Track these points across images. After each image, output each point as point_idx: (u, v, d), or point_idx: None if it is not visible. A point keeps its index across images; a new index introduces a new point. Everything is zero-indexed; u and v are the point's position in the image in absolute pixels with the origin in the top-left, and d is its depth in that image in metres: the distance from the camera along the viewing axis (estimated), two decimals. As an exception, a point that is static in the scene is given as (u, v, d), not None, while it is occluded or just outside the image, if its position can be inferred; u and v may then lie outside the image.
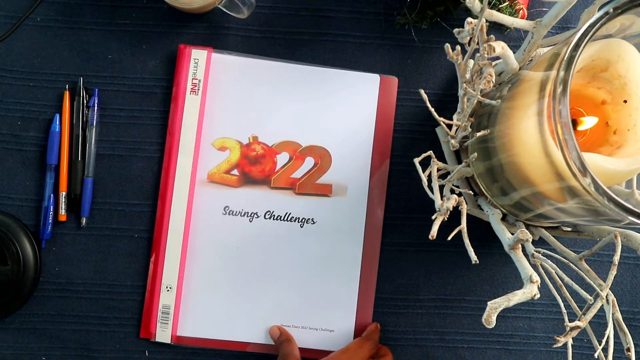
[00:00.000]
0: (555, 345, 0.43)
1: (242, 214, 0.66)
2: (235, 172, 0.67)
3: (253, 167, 0.66)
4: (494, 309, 0.43)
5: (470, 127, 0.52)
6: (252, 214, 0.66)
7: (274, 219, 0.66)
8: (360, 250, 0.66)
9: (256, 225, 0.66)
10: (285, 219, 0.66)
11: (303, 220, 0.66)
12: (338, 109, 0.67)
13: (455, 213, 0.52)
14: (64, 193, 0.66)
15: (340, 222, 0.66)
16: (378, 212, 0.66)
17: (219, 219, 0.66)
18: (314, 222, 0.66)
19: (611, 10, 0.44)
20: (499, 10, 0.63)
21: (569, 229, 0.61)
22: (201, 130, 0.66)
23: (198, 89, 0.66)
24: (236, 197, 0.66)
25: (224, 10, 0.65)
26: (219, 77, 0.66)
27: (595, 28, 0.44)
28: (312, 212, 0.66)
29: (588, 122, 0.52)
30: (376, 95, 0.67)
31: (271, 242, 0.66)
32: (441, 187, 0.54)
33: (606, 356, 0.45)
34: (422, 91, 0.50)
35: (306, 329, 0.66)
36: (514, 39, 0.69)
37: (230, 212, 0.66)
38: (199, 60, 0.66)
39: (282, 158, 0.67)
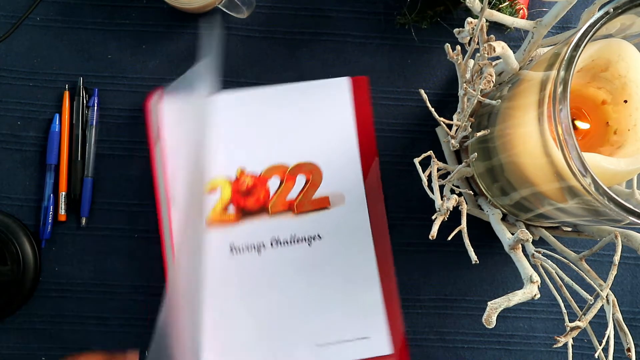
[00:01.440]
0: (555, 346, 0.43)
1: (249, 249, 0.65)
2: (231, 209, 0.65)
3: (247, 200, 0.65)
4: (494, 309, 0.43)
5: (470, 127, 0.52)
6: (259, 246, 0.65)
7: (281, 245, 0.65)
8: (373, 252, 0.66)
9: (265, 256, 0.65)
10: (292, 241, 0.65)
11: (310, 238, 0.65)
12: (316, 121, 0.66)
13: (455, 213, 0.52)
14: (63, 193, 0.66)
15: (346, 230, 0.66)
16: (380, 210, 0.66)
17: (227, 260, 0.65)
18: (320, 238, 0.66)
19: (611, 10, 0.44)
20: (499, 10, 0.63)
21: (569, 229, 0.61)
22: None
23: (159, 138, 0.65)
24: (239, 233, 0.65)
25: (224, 10, 0.65)
26: (194, 119, 0.64)
27: (595, 28, 0.44)
28: (317, 228, 0.66)
29: (581, 127, 0.53)
30: (349, 97, 0.66)
31: (284, 268, 0.65)
32: (441, 187, 0.54)
33: (606, 356, 0.45)
34: (422, 91, 0.50)
35: (341, 342, 0.65)
36: (514, 38, 0.69)
37: (237, 250, 0.65)
38: (157, 109, 0.65)
39: (273, 183, 0.66)
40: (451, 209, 0.49)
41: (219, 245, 0.65)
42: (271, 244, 0.65)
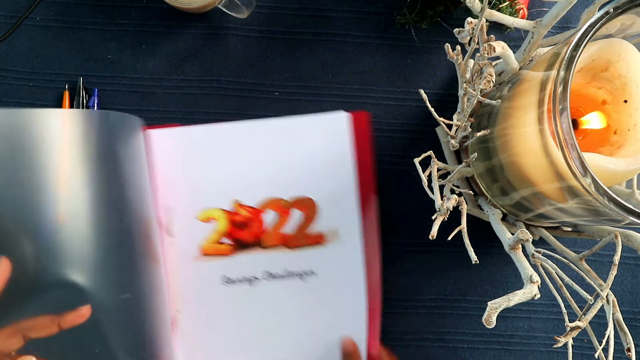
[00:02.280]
0: (555, 346, 0.43)
1: (242, 281, 0.65)
2: (225, 240, 0.65)
3: (242, 232, 0.65)
4: (494, 309, 0.43)
5: (470, 127, 0.52)
6: (252, 278, 0.65)
7: (274, 279, 0.65)
8: (364, 289, 0.65)
9: (258, 289, 0.65)
10: (285, 276, 0.65)
11: (303, 274, 0.65)
12: (314, 156, 0.66)
13: (455, 213, 0.52)
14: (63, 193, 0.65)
15: (339, 267, 0.65)
16: (374, 248, 0.65)
17: (220, 291, 0.64)
18: (314, 273, 0.65)
19: (611, 10, 0.44)
20: (499, 10, 0.63)
21: (569, 229, 0.61)
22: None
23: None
24: (232, 265, 0.65)
25: (224, 10, 0.65)
26: (189, 150, 0.65)
27: (595, 28, 0.44)
28: (310, 264, 0.65)
29: (593, 122, 0.52)
30: (348, 134, 0.65)
31: (277, 301, 0.65)
32: (441, 187, 0.54)
33: (606, 356, 0.45)
34: (422, 91, 0.50)
35: None
36: (514, 38, 0.69)
37: (229, 281, 0.65)
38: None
39: (268, 216, 0.65)
40: (451, 209, 0.49)
41: (212, 276, 0.64)
42: (264, 277, 0.65)
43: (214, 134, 0.66)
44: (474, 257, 0.46)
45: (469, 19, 0.48)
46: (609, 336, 0.45)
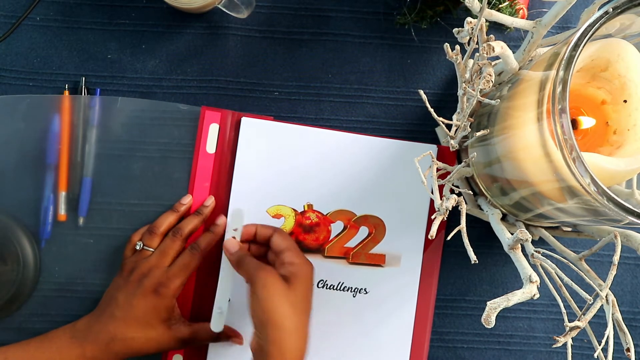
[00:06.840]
0: (555, 345, 0.43)
1: None
2: None
3: (307, 236, 0.66)
4: (493, 309, 0.43)
5: (470, 127, 0.52)
6: None
7: (326, 288, 0.66)
8: (412, 320, 0.66)
9: None
10: (338, 288, 0.66)
11: (356, 290, 0.66)
12: (393, 179, 0.66)
13: (456, 213, 0.52)
14: (63, 193, 0.66)
15: (393, 293, 0.66)
16: (431, 283, 0.66)
17: None
18: (366, 292, 0.66)
19: (611, 9, 0.44)
20: (498, 10, 0.63)
21: (569, 229, 0.61)
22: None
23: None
24: None
25: (224, 10, 0.65)
26: (274, 145, 0.66)
27: (595, 28, 0.44)
28: (365, 282, 0.66)
29: (586, 123, 0.52)
30: (432, 166, 0.65)
31: (323, 311, 0.65)
32: (441, 187, 0.54)
33: (606, 356, 0.45)
34: (421, 91, 0.50)
35: None
36: (513, 38, 0.69)
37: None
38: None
39: (336, 227, 0.66)
40: (450, 209, 0.49)
41: None
42: (317, 285, 0.66)
43: (304, 135, 0.66)
44: (473, 257, 0.46)
45: (469, 19, 0.48)
46: (608, 336, 0.45)
